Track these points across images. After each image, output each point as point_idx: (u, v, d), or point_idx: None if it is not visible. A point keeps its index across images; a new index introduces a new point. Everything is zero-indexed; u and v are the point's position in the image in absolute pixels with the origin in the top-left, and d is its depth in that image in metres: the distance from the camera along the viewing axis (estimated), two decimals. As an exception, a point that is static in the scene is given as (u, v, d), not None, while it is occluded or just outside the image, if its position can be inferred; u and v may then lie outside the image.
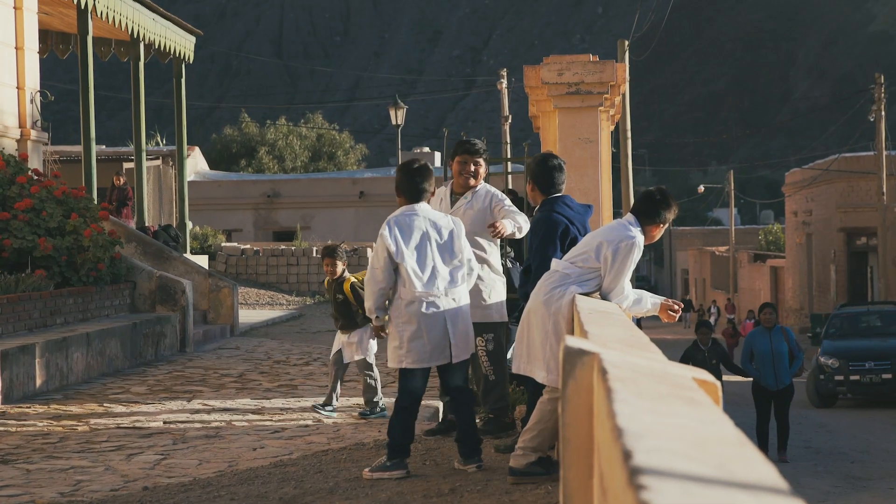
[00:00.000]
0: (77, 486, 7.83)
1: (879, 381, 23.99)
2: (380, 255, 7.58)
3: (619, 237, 6.98)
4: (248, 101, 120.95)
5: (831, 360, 24.33)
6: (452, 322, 7.59)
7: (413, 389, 7.70)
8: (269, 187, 44.55)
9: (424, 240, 7.59)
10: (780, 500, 1.83)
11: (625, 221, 7.14)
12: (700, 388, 3.23)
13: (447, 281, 7.63)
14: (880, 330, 26.42)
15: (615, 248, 6.93)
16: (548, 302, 6.95)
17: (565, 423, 3.58)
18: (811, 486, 14.11)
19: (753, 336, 16.50)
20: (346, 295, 10.65)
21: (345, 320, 10.72)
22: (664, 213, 7.16)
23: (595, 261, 6.98)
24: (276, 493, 7.31)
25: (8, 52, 17.00)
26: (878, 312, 27.71)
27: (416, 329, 7.54)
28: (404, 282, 7.54)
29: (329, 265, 10.85)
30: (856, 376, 24.00)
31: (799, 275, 48.84)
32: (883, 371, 23.97)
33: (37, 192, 14.81)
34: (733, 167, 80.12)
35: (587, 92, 10.03)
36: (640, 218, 7.12)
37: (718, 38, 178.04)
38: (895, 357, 24.14)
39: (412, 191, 7.73)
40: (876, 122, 37.26)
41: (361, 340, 10.64)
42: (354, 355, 10.64)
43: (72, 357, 12.99)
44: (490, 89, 59.08)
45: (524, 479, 7.02)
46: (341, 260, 10.86)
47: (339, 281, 10.73)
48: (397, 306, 7.61)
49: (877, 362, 24.11)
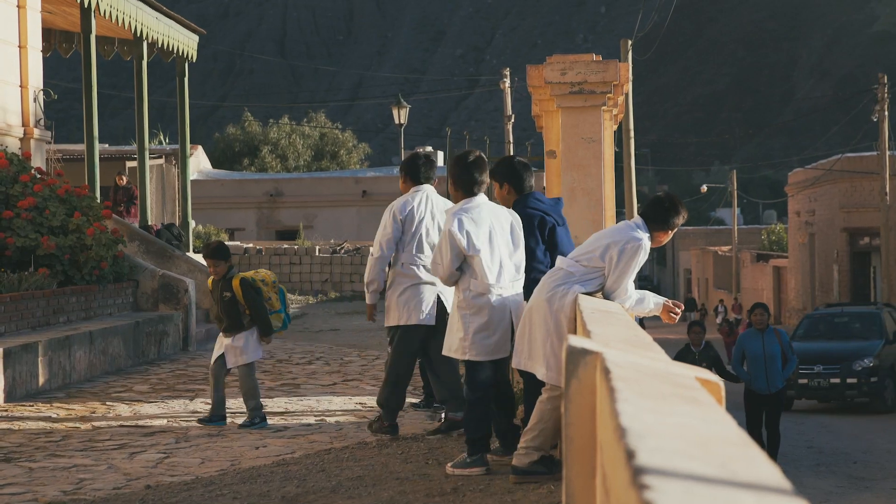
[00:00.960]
0: (79, 484, 7.84)
1: (826, 385, 23.24)
2: (445, 249, 7.54)
3: (625, 238, 7.00)
4: (251, 101, 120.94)
5: None
6: (516, 315, 7.63)
7: (482, 381, 7.64)
8: (271, 186, 44.56)
9: (491, 232, 7.61)
10: (782, 500, 1.84)
11: (633, 223, 7.15)
12: (703, 387, 3.23)
13: (512, 273, 7.70)
14: (849, 332, 25.42)
15: (621, 248, 6.95)
16: (550, 299, 6.95)
17: (568, 423, 3.58)
18: (814, 486, 14.11)
19: (745, 338, 15.88)
20: (235, 292, 10.06)
21: (230, 321, 10.15)
22: (673, 219, 7.18)
23: (600, 260, 6.99)
24: (279, 491, 7.32)
25: (11, 50, 17.01)
26: (849, 314, 26.67)
27: (485, 321, 7.58)
28: (475, 274, 7.56)
29: (212, 265, 10.26)
30: (804, 380, 23.30)
31: (801, 275, 48.81)
32: (831, 375, 23.22)
33: (40, 190, 14.82)
34: (736, 167, 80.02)
35: (590, 91, 10.02)
36: (649, 223, 7.14)
37: (721, 38, 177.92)
38: (845, 361, 23.35)
39: (470, 183, 7.75)
40: (879, 122, 37.24)
41: (248, 344, 10.14)
42: (239, 360, 10.14)
43: (74, 356, 13.00)
44: (493, 89, 59.11)
45: (527, 477, 7.02)
46: (225, 259, 10.24)
47: (227, 278, 10.15)
48: (465, 298, 7.61)
49: (826, 366, 23.40)
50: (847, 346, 24.17)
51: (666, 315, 7.40)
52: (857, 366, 23.29)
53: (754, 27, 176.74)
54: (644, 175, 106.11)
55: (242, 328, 10.13)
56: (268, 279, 10.38)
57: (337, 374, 13.96)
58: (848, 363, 23.32)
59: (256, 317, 10.14)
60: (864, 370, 23.26)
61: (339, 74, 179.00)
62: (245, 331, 10.13)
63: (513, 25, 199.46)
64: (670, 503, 1.72)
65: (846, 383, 23.25)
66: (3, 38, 16.77)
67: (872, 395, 23.27)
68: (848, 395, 23.37)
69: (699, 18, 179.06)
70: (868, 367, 23.29)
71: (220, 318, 10.28)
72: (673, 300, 7.55)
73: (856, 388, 23.26)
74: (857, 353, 23.63)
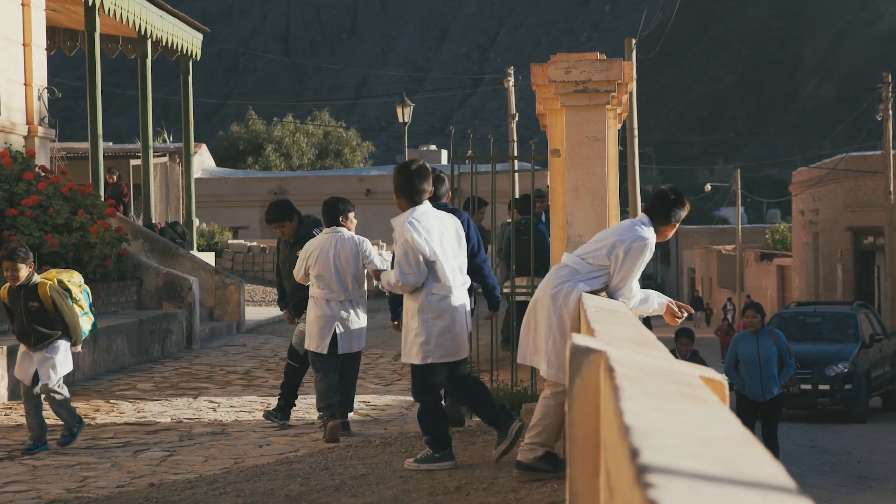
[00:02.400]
0: (83, 482, 7.84)
1: (797, 391, 20.71)
2: (413, 258, 7.57)
3: (632, 237, 7.01)
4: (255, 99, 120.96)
5: None
6: (467, 314, 7.84)
7: (437, 384, 7.81)
8: (275, 184, 44.57)
9: (441, 237, 7.70)
10: (787, 498, 1.83)
11: (638, 221, 7.15)
12: (707, 386, 3.22)
13: (460, 275, 7.85)
14: (821, 334, 23.16)
15: (627, 247, 6.96)
16: (555, 296, 6.95)
17: (572, 421, 3.58)
18: (818, 486, 14.10)
19: (738, 340, 14.43)
20: (44, 301, 8.91)
21: (38, 335, 8.94)
22: (678, 212, 7.20)
23: (606, 259, 6.99)
24: (282, 489, 7.32)
25: (15, 48, 17.02)
26: (822, 314, 24.30)
27: (447, 323, 7.67)
28: (437, 278, 7.65)
29: (9, 270, 8.93)
30: None
31: (805, 274, 48.78)
32: (802, 381, 20.75)
33: (44, 188, 14.83)
34: (740, 166, 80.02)
35: (594, 90, 10.01)
36: (654, 218, 7.14)
37: (725, 37, 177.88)
38: (818, 366, 21.16)
39: (413, 192, 7.77)
40: (883, 120, 37.20)
41: (61, 355, 9.03)
42: (53, 375, 8.99)
43: (78, 353, 12.99)
44: (497, 87, 59.07)
45: (530, 474, 7.02)
46: (25, 262, 8.96)
47: (29, 286, 8.89)
48: (428, 302, 7.65)
49: (800, 370, 20.52)
50: (819, 349, 21.91)
51: (669, 317, 7.40)
52: (829, 371, 21.19)
53: (759, 26, 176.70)
54: (648, 174, 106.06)
55: (52, 339, 8.99)
56: (74, 279, 9.34)
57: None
58: (819, 368, 21.17)
59: (69, 324, 9.02)
60: (838, 376, 21.16)
61: (343, 73, 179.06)
62: (58, 340, 9.01)
63: (517, 24, 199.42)
64: (675, 502, 1.72)
65: (818, 390, 21.16)
66: (8, 36, 16.78)
67: (846, 403, 21.18)
68: (820, 403, 21.33)
69: (704, 17, 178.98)
70: (842, 372, 21.17)
71: (24, 332, 9.00)
72: (679, 303, 7.55)
73: (828, 396, 21.19)
74: (829, 357, 21.47)
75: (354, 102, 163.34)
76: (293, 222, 10.22)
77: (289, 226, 10.19)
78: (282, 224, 10.18)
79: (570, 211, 9.45)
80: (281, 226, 10.20)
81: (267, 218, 10.45)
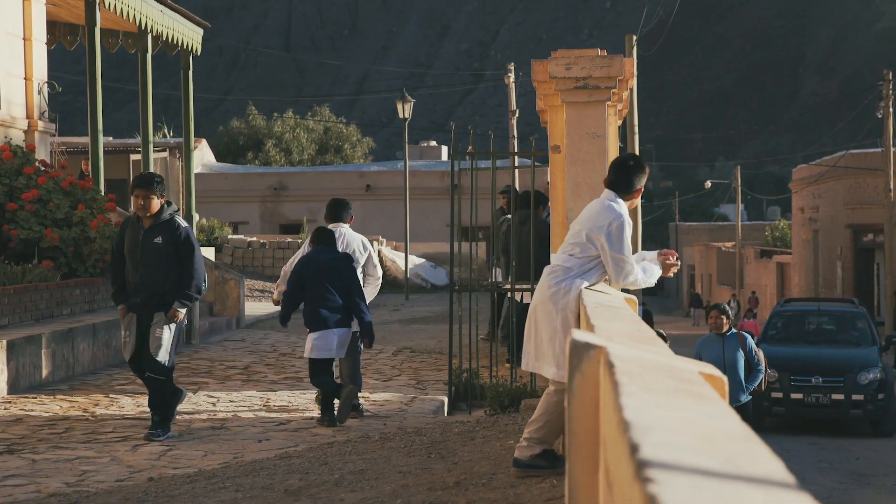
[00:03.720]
0: (83, 476, 7.84)
1: (828, 401, 18.75)
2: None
3: (607, 221, 6.91)
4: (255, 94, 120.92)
5: (769, 372, 18.01)
6: None
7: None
8: (275, 180, 44.57)
9: None
10: (787, 494, 1.83)
11: (606, 201, 7.04)
12: (707, 382, 3.22)
13: None
14: (831, 335, 21.17)
15: (607, 233, 6.88)
16: (555, 297, 6.91)
17: (571, 417, 3.57)
18: (816, 483, 14.10)
19: (702, 343, 13.22)
20: None
21: None
22: (640, 178, 7.12)
23: (592, 249, 6.95)
24: (282, 484, 7.31)
25: (16, 42, 17.01)
26: (829, 312, 22.09)
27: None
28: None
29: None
30: (798, 394, 18.89)
31: (805, 271, 48.79)
32: (833, 390, 18.79)
33: (44, 183, 14.83)
34: (740, 163, 80.00)
35: (595, 86, 10.01)
36: (619, 191, 7.06)
37: (727, 35, 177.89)
38: (850, 372, 18.96)
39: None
40: (884, 118, 37.19)
41: None
42: None
43: (78, 348, 13.01)
44: (498, 83, 59.05)
45: (528, 471, 6.98)
46: None
47: None
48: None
49: (826, 378, 18.92)
50: (844, 353, 19.81)
51: (668, 271, 7.36)
52: (862, 378, 18.88)
53: (761, 24, 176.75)
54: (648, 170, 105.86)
55: None
56: None
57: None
58: (852, 375, 18.94)
59: None
60: (871, 384, 18.90)
61: (343, 68, 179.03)
62: None
63: (518, 21, 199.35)
64: (674, 497, 1.71)
65: (851, 400, 18.81)
66: (9, 30, 16.77)
67: (878, 414, 18.99)
68: (853, 415, 19.02)
69: (707, 16, 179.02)
70: (875, 380, 18.93)
71: None
72: (663, 251, 7.47)
73: (861, 407, 18.85)
74: (858, 362, 19.28)
75: (355, 98, 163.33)
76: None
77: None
78: None
79: (570, 207, 9.46)
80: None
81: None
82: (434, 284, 31.93)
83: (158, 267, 9.08)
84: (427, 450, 8.33)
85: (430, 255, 34.42)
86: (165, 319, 9.10)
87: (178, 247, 9.12)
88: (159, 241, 9.07)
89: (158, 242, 9.07)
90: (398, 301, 26.40)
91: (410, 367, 14.40)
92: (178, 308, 9.13)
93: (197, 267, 9.20)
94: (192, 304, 9.35)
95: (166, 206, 9.21)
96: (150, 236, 9.09)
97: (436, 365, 14.43)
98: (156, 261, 9.07)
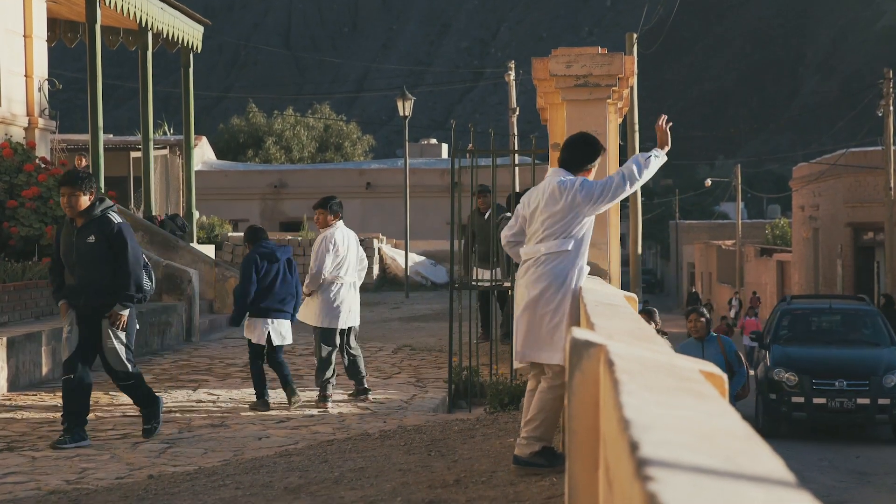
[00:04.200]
0: (82, 473, 7.84)
1: (852, 406, 17.60)
2: None
3: (571, 184, 6.89)
4: (255, 92, 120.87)
5: (787, 375, 17.94)
6: None
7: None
8: (276, 178, 44.56)
9: None
10: (787, 493, 1.83)
11: (557, 178, 6.98)
12: (707, 381, 3.22)
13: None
14: (844, 334, 20.07)
15: (582, 193, 6.85)
16: (554, 284, 6.86)
17: (572, 415, 3.57)
18: (816, 481, 14.10)
19: (682, 349, 12.19)
20: None
21: None
22: (593, 158, 7.09)
23: (580, 218, 6.91)
24: (281, 482, 7.31)
25: (16, 40, 17.00)
26: (841, 311, 20.93)
27: None
28: None
29: None
30: (821, 398, 17.72)
31: (805, 269, 48.77)
32: (858, 394, 17.66)
33: (44, 180, 14.82)
34: (740, 161, 79.97)
35: (595, 84, 10.01)
36: (571, 170, 7.04)
37: (727, 35, 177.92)
38: (875, 375, 17.90)
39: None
40: (884, 117, 37.17)
41: None
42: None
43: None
44: (498, 81, 59.04)
45: (528, 469, 6.95)
46: None
47: None
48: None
49: (851, 381, 17.78)
50: (866, 354, 18.66)
51: (664, 135, 7.27)
52: (887, 381, 17.77)
53: (761, 24, 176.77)
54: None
55: None
56: None
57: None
58: (877, 378, 17.80)
59: None
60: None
61: (344, 66, 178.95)
62: None
63: (518, 19, 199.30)
64: (674, 495, 1.71)
65: (877, 404, 17.65)
66: (9, 27, 16.76)
67: None
68: (878, 420, 17.94)
69: (707, 15, 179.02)
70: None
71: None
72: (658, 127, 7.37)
73: (887, 412, 17.74)
74: (882, 364, 18.12)
75: (355, 96, 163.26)
76: None
77: None
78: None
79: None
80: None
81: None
82: (434, 282, 31.91)
83: (94, 267, 8.65)
84: (427, 448, 8.33)
85: (430, 253, 34.41)
86: (110, 326, 8.71)
87: (111, 244, 8.65)
88: (92, 241, 8.63)
89: (91, 242, 8.63)
90: (398, 299, 26.40)
91: (410, 364, 14.40)
92: (118, 311, 8.70)
93: (132, 264, 8.68)
94: (133, 305, 8.84)
95: (98, 202, 8.75)
96: (82, 236, 8.68)
97: (436, 363, 14.42)
98: (91, 261, 8.64)
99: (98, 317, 8.72)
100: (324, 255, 10.98)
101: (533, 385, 7.11)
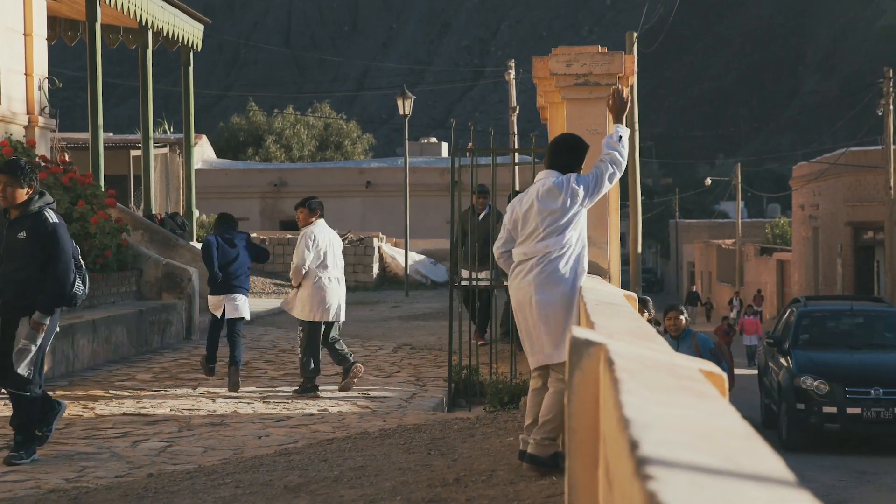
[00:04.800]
0: (82, 472, 7.84)
1: (890, 416, 16.11)
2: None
3: (567, 181, 6.99)
4: (255, 90, 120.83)
5: (817, 383, 16.44)
6: None
7: None
8: (276, 176, 44.56)
9: None
10: (787, 492, 1.83)
11: (551, 179, 7.05)
12: (707, 380, 3.22)
13: None
14: (870, 338, 18.54)
15: (583, 185, 6.96)
16: (560, 283, 6.86)
17: (572, 414, 3.57)
18: (816, 480, 14.09)
19: None
20: None
21: None
22: (582, 160, 7.18)
23: (581, 211, 6.98)
24: (281, 480, 7.31)
25: (16, 38, 17.00)
26: (864, 313, 19.38)
27: None
28: None
29: None
30: (856, 408, 16.23)
31: (805, 269, 48.78)
32: (894, 403, 16.20)
33: (44, 178, 14.81)
34: (740, 160, 79.99)
35: (595, 83, 10.01)
36: (563, 171, 7.11)
37: (727, 34, 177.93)
38: None
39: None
40: (884, 116, 37.17)
41: None
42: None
43: (78, 344, 13.00)
44: (498, 80, 59.05)
45: (543, 469, 6.84)
46: None
47: None
48: None
49: (888, 389, 16.26)
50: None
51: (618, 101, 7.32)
52: None
53: (761, 23, 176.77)
54: (648, 167, 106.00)
55: None
56: None
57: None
58: None
59: None
60: None
61: (344, 65, 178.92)
62: None
63: (518, 18, 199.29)
64: (674, 494, 1.71)
65: None
66: (9, 25, 16.76)
67: None
68: None
69: (707, 14, 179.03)
70: None
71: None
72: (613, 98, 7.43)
73: None
74: None
75: (355, 95, 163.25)
76: None
77: None
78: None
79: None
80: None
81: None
82: (434, 281, 31.90)
83: (22, 265, 8.02)
84: (427, 446, 8.33)
85: (430, 252, 34.39)
86: (29, 330, 8.03)
87: (43, 244, 8.02)
88: (23, 236, 8.00)
89: (22, 237, 8.00)
90: (398, 297, 26.39)
91: (410, 363, 14.40)
92: (39, 319, 8.01)
93: (63, 269, 8.04)
94: (55, 314, 8.15)
95: (37, 197, 8.12)
96: (14, 230, 8.06)
97: (435, 362, 14.42)
98: (19, 258, 8.03)
99: (20, 316, 8.10)
100: (304, 250, 11.73)
101: (537, 384, 7.09)
